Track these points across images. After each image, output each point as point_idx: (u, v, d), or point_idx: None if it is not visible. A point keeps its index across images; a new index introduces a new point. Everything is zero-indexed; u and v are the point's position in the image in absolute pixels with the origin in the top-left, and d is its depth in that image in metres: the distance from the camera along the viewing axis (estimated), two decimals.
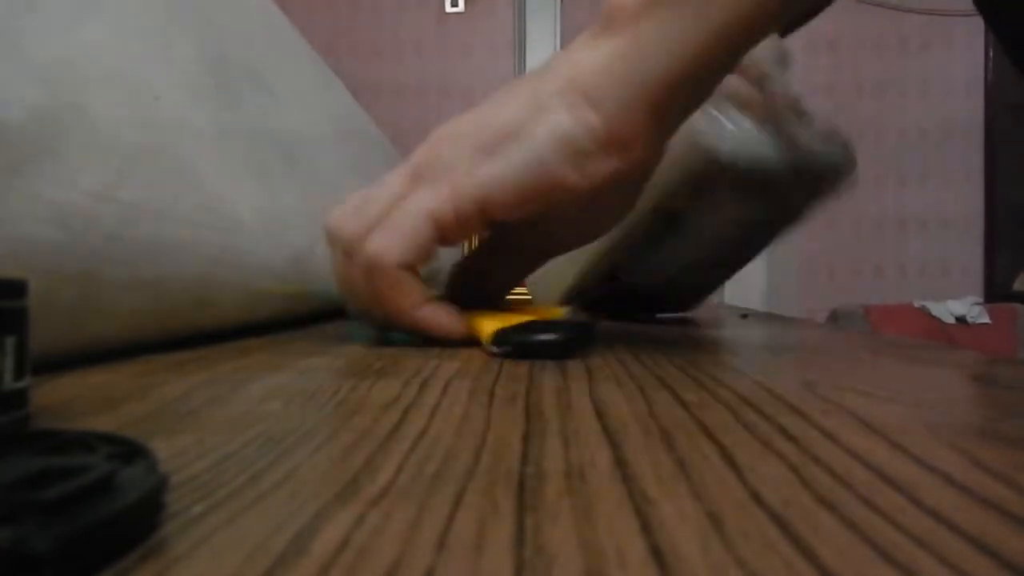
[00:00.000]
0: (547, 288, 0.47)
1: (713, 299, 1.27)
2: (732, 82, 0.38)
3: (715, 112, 0.37)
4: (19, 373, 0.15)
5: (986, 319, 1.92)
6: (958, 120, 2.28)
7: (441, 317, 0.34)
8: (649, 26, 0.31)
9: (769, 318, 0.68)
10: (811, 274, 2.27)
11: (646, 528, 0.11)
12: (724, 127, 0.37)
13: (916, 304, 1.97)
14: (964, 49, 2.28)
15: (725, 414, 0.19)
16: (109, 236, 0.28)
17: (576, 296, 0.46)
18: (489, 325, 0.31)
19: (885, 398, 0.21)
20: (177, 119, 0.35)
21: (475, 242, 0.40)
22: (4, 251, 0.24)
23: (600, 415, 0.19)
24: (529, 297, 0.55)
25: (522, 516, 0.11)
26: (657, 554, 0.10)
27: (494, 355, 0.30)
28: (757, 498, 0.12)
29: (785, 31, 0.44)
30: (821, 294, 2.25)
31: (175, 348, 0.32)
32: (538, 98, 0.32)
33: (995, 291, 2.21)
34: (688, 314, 0.56)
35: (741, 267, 0.45)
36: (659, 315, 0.52)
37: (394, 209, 0.33)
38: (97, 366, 0.27)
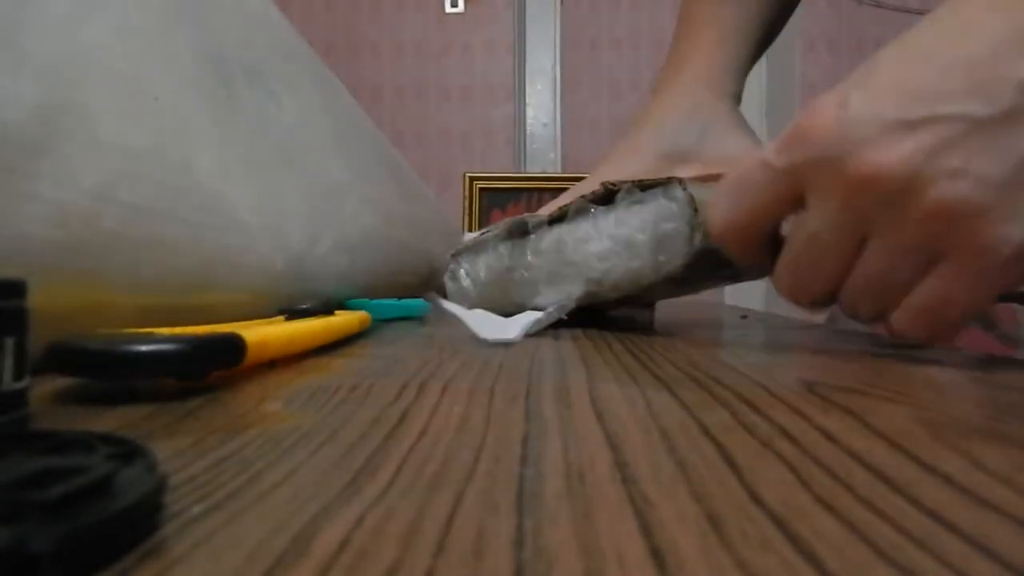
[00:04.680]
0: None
1: (713, 299, 1.27)
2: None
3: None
4: (19, 373, 0.15)
5: None
6: None
7: None
8: None
9: (769, 318, 0.68)
10: None
11: (646, 529, 0.11)
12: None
13: None
14: None
15: (725, 414, 0.19)
16: (109, 236, 0.28)
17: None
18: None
19: (885, 398, 0.21)
20: (177, 119, 0.35)
21: None
22: (4, 251, 0.24)
23: (600, 415, 0.19)
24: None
25: (522, 517, 0.11)
26: (657, 555, 0.10)
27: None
28: (757, 498, 0.12)
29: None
30: None
31: None
32: None
33: None
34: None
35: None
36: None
37: None
38: None
